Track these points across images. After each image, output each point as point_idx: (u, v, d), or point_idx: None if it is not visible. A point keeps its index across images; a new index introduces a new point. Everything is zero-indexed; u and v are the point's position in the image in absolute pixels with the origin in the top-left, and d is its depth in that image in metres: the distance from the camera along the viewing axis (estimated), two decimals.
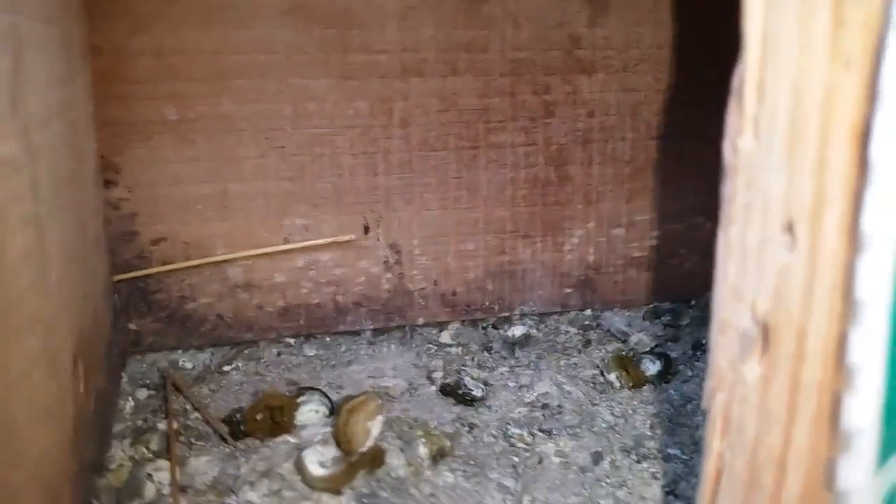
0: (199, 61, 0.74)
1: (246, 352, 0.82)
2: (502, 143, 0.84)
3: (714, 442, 0.40)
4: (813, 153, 0.31)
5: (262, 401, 0.68)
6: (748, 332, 0.36)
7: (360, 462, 0.59)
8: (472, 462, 0.66)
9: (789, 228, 0.32)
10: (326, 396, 0.71)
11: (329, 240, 0.82)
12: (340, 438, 0.59)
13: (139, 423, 0.69)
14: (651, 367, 0.80)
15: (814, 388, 0.32)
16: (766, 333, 0.35)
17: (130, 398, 0.73)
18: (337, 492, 0.58)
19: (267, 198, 0.80)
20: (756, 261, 0.35)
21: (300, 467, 0.58)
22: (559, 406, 0.75)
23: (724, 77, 0.34)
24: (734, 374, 0.37)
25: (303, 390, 0.72)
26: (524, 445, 0.69)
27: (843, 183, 0.29)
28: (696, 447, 0.70)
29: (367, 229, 0.83)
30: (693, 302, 0.95)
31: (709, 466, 0.40)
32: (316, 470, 0.57)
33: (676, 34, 0.86)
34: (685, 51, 0.87)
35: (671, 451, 0.69)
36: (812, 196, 0.31)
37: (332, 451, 0.59)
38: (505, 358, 0.84)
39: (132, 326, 0.79)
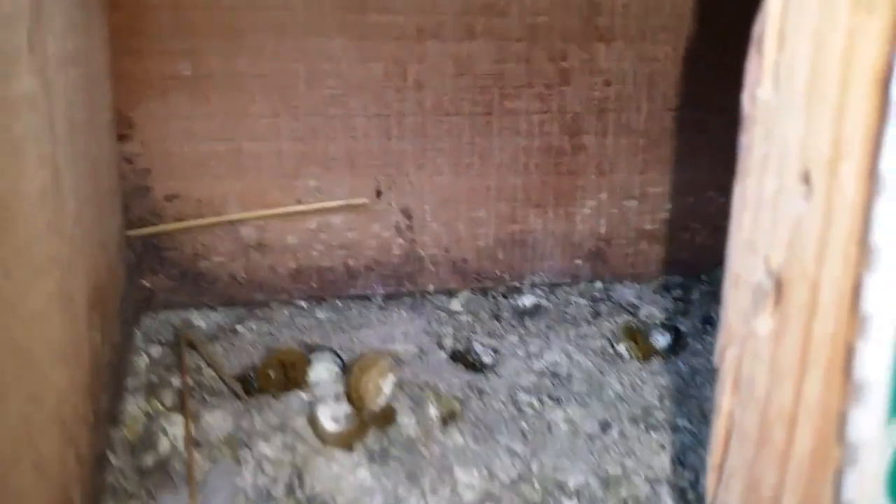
0: (215, 17, 0.74)
1: (258, 313, 0.82)
2: (517, 109, 0.84)
3: (724, 401, 0.40)
4: (832, 100, 0.30)
5: (275, 357, 0.68)
6: (761, 286, 0.36)
7: (371, 419, 0.60)
8: (481, 426, 0.66)
9: (805, 178, 0.32)
10: (338, 356, 0.72)
11: (342, 202, 0.82)
12: (353, 395, 0.60)
13: (153, 378, 0.69)
14: (661, 340, 0.80)
15: (826, 340, 0.32)
16: (779, 286, 0.35)
17: (144, 354, 0.73)
18: (349, 447, 0.58)
19: (280, 157, 0.79)
20: (771, 212, 0.35)
21: (313, 422, 0.59)
22: (568, 375, 0.75)
23: (743, 49, 0.34)
24: (746, 329, 0.37)
25: (314, 349, 0.73)
26: (533, 412, 0.69)
27: (862, 127, 0.29)
28: (704, 419, 0.70)
29: (378, 193, 0.83)
30: (704, 277, 0.94)
31: (719, 427, 0.40)
32: (329, 425, 0.58)
33: (696, 4, 0.85)
34: (703, 22, 0.85)
35: (680, 421, 0.69)
36: (830, 143, 0.31)
37: (344, 408, 0.60)
38: (514, 327, 0.84)
39: (145, 283, 0.79)
